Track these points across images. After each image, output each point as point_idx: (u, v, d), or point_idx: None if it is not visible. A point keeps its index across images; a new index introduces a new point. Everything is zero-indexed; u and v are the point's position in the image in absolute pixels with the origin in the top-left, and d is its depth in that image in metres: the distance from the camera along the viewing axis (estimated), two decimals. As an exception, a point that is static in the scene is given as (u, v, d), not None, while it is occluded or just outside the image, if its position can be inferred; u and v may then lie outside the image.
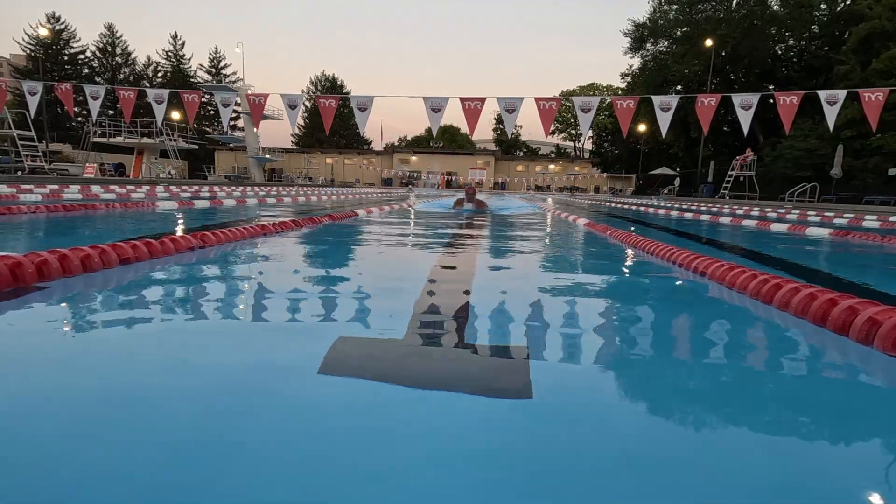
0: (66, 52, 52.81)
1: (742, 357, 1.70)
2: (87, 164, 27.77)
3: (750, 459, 1.00)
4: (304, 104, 28.50)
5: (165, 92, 12.63)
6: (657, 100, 11.14)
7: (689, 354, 1.74)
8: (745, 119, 10.38)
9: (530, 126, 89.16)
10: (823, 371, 1.63)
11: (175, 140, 31.03)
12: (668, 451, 1.03)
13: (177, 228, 5.38)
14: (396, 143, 65.96)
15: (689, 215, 12.25)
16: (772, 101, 10.64)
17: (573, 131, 64.77)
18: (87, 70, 53.78)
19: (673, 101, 10.98)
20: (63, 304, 2.08)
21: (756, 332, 2.06)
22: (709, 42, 33.20)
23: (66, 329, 1.75)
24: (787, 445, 1.08)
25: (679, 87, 40.54)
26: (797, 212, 14.06)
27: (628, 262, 3.90)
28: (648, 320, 2.12)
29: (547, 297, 2.51)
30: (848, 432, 1.17)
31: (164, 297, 2.27)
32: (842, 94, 10.14)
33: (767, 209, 15.21)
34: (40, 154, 25.25)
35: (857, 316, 1.77)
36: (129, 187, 15.28)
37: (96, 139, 29.00)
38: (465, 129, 33.47)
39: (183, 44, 57.54)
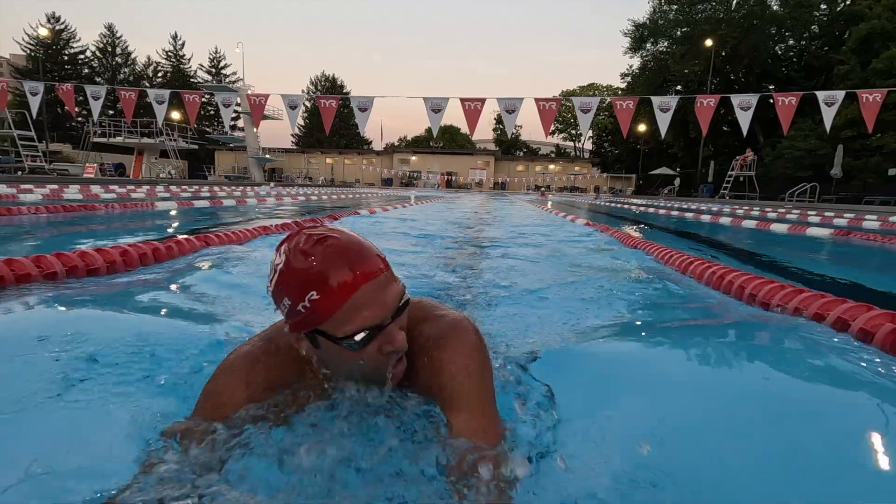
0: (66, 52, 52.75)
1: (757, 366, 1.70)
2: (87, 164, 27.76)
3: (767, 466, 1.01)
4: (304, 104, 28.44)
5: (166, 92, 12.64)
6: (656, 100, 11.15)
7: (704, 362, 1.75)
8: (745, 119, 10.39)
9: (530, 126, 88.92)
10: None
11: (175, 140, 31.00)
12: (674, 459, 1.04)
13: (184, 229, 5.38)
14: (396, 143, 65.92)
15: (689, 215, 12.26)
16: (771, 101, 10.65)
17: (573, 131, 64.69)
18: (87, 70, 53.71)
19: (672, 101, 10.99)
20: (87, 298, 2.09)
21: (761, 337, 2.07)
22: (709, 42, 33.17)
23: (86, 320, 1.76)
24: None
25: (679, 87, 40.47)
26: (797, 212, 14.06)
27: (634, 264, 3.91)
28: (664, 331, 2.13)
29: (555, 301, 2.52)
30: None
31: (164, 297, 2.28)
32: (840, 94, 10.16)
33: (768, 209, 15.21)
34: (40, 154, 25.24)
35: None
36: (129, 187, 15.28)
37: (96, 139, 28.98)
38: (465, 129, 33.46)
39: (183, 44, 57.51)
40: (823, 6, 35.13)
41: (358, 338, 0.86)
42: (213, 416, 0.97)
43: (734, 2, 37.44)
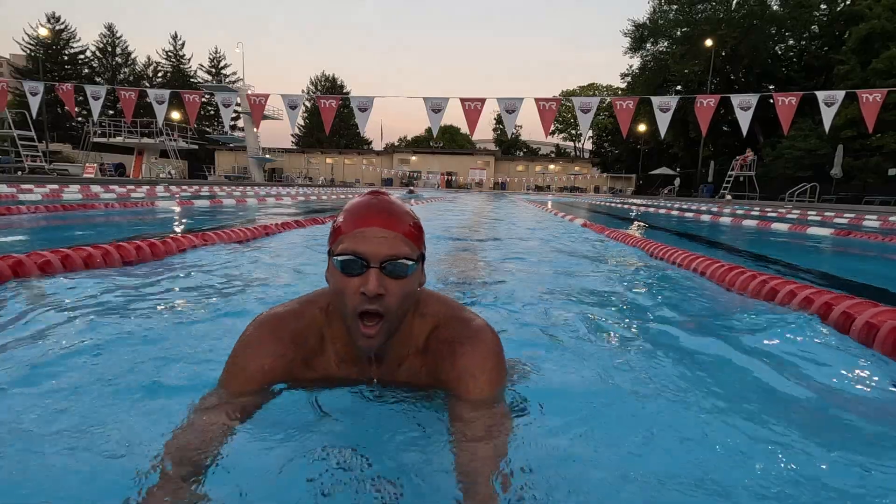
0: (66, 52, 52.65)
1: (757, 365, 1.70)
2: (87, 164, 27.72)
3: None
4: (304, 104, 28.34)
5: (166, 92, 12.63)
6: (656, 100, 11.15)
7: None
8: (744, 119, 10.39)
9: (530, 126, 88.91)
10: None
11: (175, 140, 30.95)
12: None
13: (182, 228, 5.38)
14: (396, 143, 65.84)
15: (689, 215, 12.25)
16: (771, 101, 10.64)
17: (573, 131, 64.60)
18: (87, 70, 53.62)
19: (672, 101, 10.99)
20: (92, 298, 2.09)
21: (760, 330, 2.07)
22: (709, 42, 33.15)
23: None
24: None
25: (679, 87, 40.42)
26: (797, 212, 14.06)
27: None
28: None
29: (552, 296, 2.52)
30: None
31: (167, 294, 2.28)
32: (839, 95, 10.15)
33: (768, 209, 15.21)
34: (40, 154, 25.20)
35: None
36: (129, 187, 15.28)
37: (96, 139, 28.94)
38: (465, 129, 33.40)
39: (183, 44, 57.41)
40: (823, 6, 35.09)
41: (341, 258, 1.02)
42: (242, 371, 1.12)
43: (734, 2, 37.40)
